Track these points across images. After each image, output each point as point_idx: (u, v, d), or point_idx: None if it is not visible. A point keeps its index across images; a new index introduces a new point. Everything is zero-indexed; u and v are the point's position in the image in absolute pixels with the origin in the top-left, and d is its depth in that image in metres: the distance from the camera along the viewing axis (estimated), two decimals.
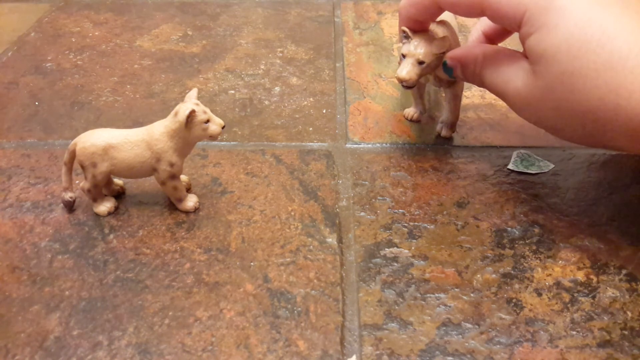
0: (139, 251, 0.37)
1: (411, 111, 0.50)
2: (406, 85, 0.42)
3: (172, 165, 0.38)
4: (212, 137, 0.38)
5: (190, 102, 0.37)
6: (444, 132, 0.47)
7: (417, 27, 0.42)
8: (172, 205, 0.41)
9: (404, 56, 0.42)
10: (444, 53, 0.42)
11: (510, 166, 0.44)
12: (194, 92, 0.38)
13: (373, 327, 0.33)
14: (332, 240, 0.38)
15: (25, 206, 0.41)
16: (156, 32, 0.65)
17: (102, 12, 0.70)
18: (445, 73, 0.43)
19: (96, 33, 0.65)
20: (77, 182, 0.42)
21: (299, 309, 0.34)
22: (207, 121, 0.37)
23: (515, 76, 0.37)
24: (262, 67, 0.58)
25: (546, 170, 0.44)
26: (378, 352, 0.31)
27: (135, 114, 0.51)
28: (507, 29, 0.44)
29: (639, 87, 0.31)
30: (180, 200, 0.40)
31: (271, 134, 0.48)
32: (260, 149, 0.47)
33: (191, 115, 0.37)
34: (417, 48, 0.41)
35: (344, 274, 0.36)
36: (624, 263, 0.37)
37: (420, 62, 0.41)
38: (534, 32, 0.35)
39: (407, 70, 0.41)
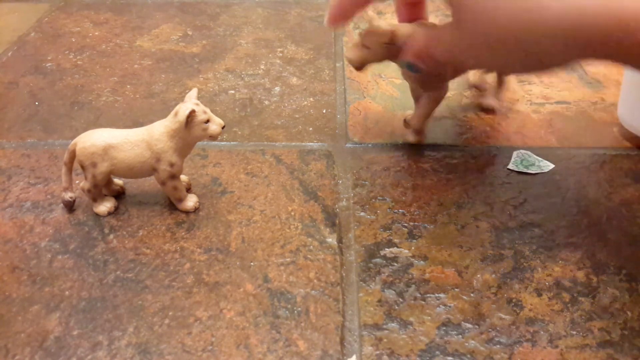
0: (139, 251, 0.37)
1: (409, 113, 0.49)
2: (353, 65, 0.43)
3: (172, 165, 0.38)
4: (212, 137, 0.38)
5: (190, 102, 0.37)
6: (407, 136, 0.47)
7: (349, 14, 0.41)
8: (172, 205, 0.41)
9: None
10: (392, 45, 0.41)
11: (510, 166, 0.44)
12: (194, 92, 0.38)
13: (373, 327, 0.33)
14: (332, 240, 0.38)
15: (25, 206, 0.41)
16: (156, 32, 0.65)
17: (102, 12, 0.70)
18: (408, 70, 0.42)
19: (96, 33, 0.65)
20: (77, 182, 0.42)
21: (299, 309, 0.34)
22: (207, 121, 0.38)
23: (447, 35, 0.38)
24: (262, 67, 0.58)
25: (546, 170, 0.44)
26: (378, 352, 0.31)
27: (135, 114, 0.51)
28: None
29: None
30: (180, 200, 0.40)
31: (271, 134, 0.48)
32: (260, 149, 0.47)
33: (191, 115, 0.37)
34: (364, 33, 0.42)
35: (344, 274, 0.36)
36: (624, 263, 0.37)
37: (365, 47, 0.42)
38: None
39: (352, 51, 0.43)
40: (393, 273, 0.36)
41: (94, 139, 0.38)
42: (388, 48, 0.42)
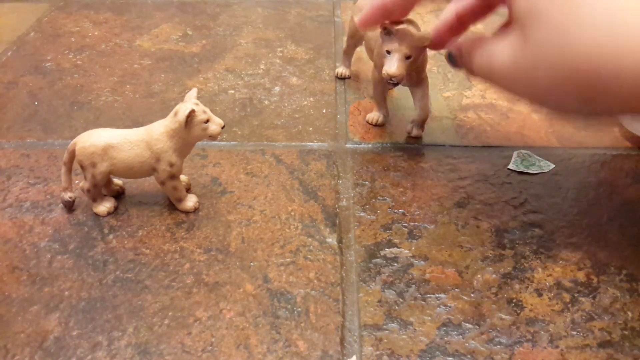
0: (138, 251, 0.37)
1: (375, 116, 0.49)
2: (396, 81, 0.41)
3: (171, 165, 0.38)
4: (212, 137, 0.38)
5: (190, 102, 0.37)
6: (415, 132, 0.47)
7: (384, 14, 0.40)
8: (171, 205, 0.41)
9: (388, 52, 0.41)
10: (425, 47, 0.42)
11: (510, 166, 0.44)
12: (193, 92, 0.38)
13: (373, 328, 0.33)
14: (332, 240, 0.38)
15: (25, 206, 0.41)
16: (156, 32, 0.65)
17: (101, 11, 0.70)
18: (450, 62, 0.41)
19: (96, 33, 0.65)
20: (76, 182, 0.42)
21: (299, 309, 0.34)
22: (207, 121, 0.37)
23: (500, 51, 0.35)
24: (262, 66, 0.58)
25: (547, 170, 0.44)
26: (378, 352, 0.31)
27: (134, 114, 0.51)
28: (488, 4, 0.41)
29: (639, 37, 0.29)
30: (180, 200, 0.40)
31: (271, 134, 0.48)
32: (260, 149, 0.47)
33: (191, 115, 0.37)
34: (403, 43, 0.40)
35: (344, 274, 0.36)
36: (625, 263, 0.37)
37: (408, 57, 0.41)
38: None
39: (396, 65, 0.41)
40: (393, 273, 0.36)
41: (93, 139, 0.38)
42: (422, 49, 0.41)
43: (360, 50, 0.61)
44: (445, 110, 0.51)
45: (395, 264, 0.36)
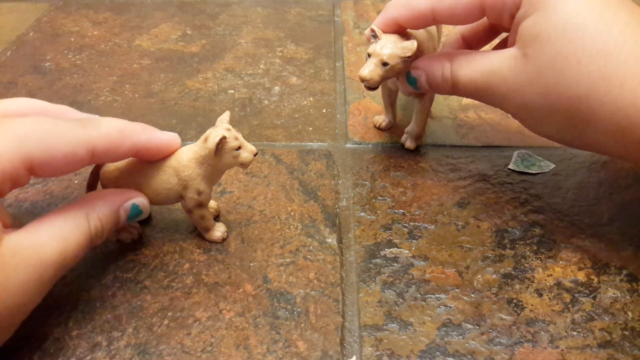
0: (138, 251, 0.37)
1: (380, 119, 0.49)
2: (368, 85, 0.40)
3: (199, 193, 0.35)
4: (244, 166, 0.35)
5: (221, 127, 0.34)
6: (408, 144, 0.46)
7: (394, 30, 0.40)
8: (171, 205, 0.40)
9: (369, 55, 0.40)
10: (411, 59, 0.40)
11: (510, 166, 0.44)
12: (226, 116, 0.36)
13: (373, 328, 0.33)
14: (332, 240, 0.38)
15: (24, 206, 0.41)
16: (155, 32, 0.65)
17: (101, 11, 0.69)
18: (409, 84, 0.41)
19: (95, 32, 0.65)
20: (75, 182, 0.42)
21: (299, 309, 0.33)
22: (239, 148, 0.35)
23: (498, 65, 0.36)
24: (262, 66, 0.58)
25: (547, 170, 0.44)
26: (378, 352, 0.31)
27: (134, 114, 0.51)
28: (493, 29, 0.42)
29: (631, 78, 0.31)
30: (207, 229, 0.38)
31: (271, 134, 0.48)
32: (259, 148, 0.46)
33: (222, 142, 0.34)
34: (383, 49, 0.39)
35: (344, 275, 0.36)
36: (625, 263, 0.36)
37: (384, 64, 0.39)
38: (532, 13, 0.34)
39: (369, 69, 0.39)
40: (393, 273, 0.36)
41: (118, 163, 0.36)
42: (406, 60, 0.40)
43: (360, 51, 0.61)
44: (445, 110, 0.51)
45: (396, 264, 0.36)
